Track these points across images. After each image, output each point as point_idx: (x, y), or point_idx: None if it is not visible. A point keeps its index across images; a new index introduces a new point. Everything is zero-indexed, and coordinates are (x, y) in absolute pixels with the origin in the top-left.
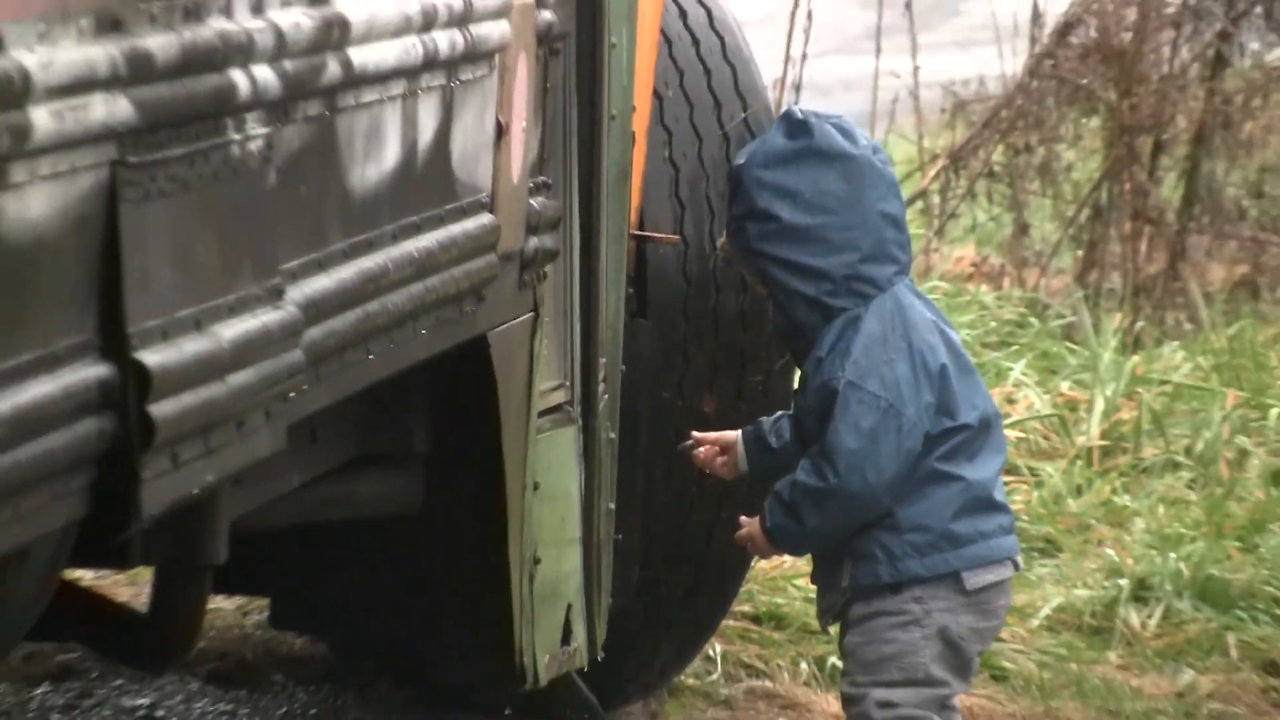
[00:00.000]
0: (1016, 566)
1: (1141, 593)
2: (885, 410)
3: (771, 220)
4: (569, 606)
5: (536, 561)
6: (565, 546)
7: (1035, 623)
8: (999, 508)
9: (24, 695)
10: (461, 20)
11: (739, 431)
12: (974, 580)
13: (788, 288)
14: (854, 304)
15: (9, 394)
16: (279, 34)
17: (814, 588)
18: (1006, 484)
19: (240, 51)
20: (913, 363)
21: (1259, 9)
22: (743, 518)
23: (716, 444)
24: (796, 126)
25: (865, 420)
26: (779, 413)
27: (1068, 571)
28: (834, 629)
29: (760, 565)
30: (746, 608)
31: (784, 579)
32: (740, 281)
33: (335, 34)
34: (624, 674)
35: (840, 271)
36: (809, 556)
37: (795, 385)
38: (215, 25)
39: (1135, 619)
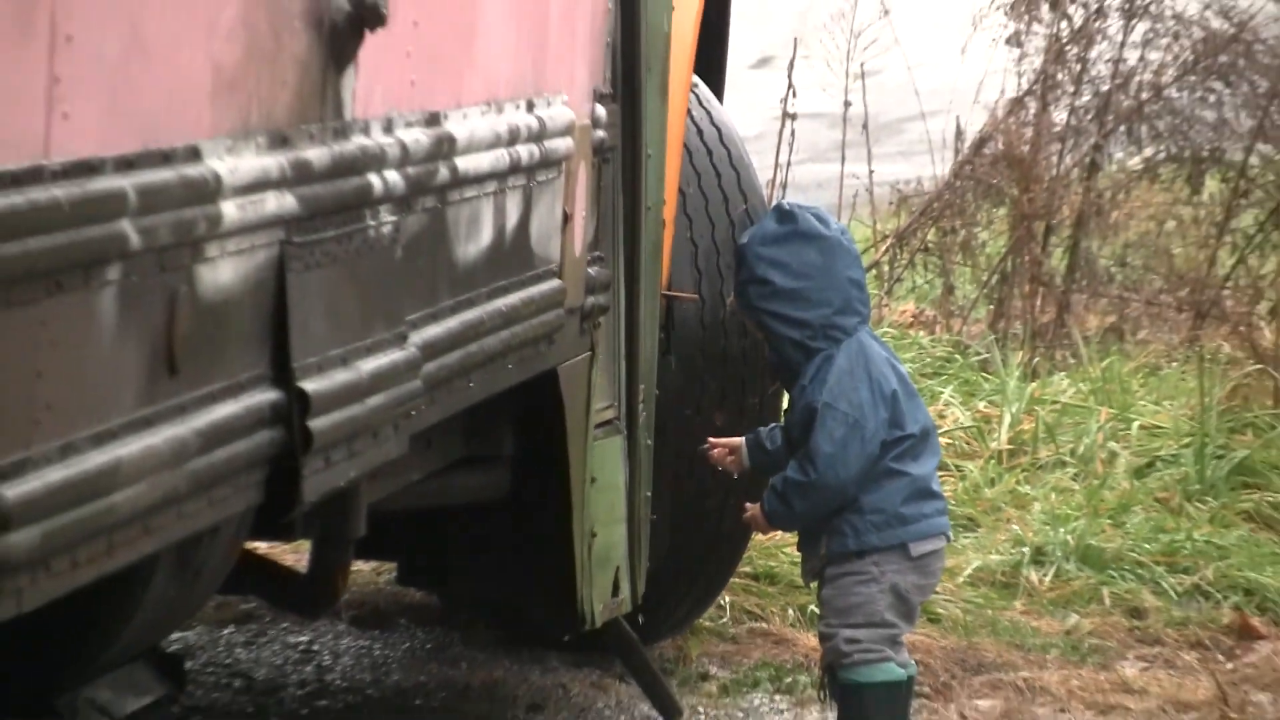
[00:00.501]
0: (948, 538)
1: (1039, 557)
2: (852, 424)
3: (767, 284)
4: (617, 568)
5: (593, 535)
6: (614, 524)
7: (961, 580)
8: (936, 495)
9: (215, 634)
10: (538, 137)
11: (743, 438)
12: (918, 549)
13: (779, 334)
14: (828, 346)
15: (206, 412)
16: (404, 148)
17: (799, 554)
18: (940, 477)
19: (375, 161)
20: (872, 389)
21: (1122, 128)
22: (746, 504)
23: (726, 447)
24: (785, 215)
25: (837, 431)
26: (772, 424)
27: (984, 542)
28: (814, 585)
29: (758, 538)
30: (748, 569)
31: (776, 548)
32: (743, 328)
33: (445, 147)
34: (657, 618)
35: (818, 322)
36: (795, 532)
37: (785, 405)
38: (357, 141)
39: (1034, 577)
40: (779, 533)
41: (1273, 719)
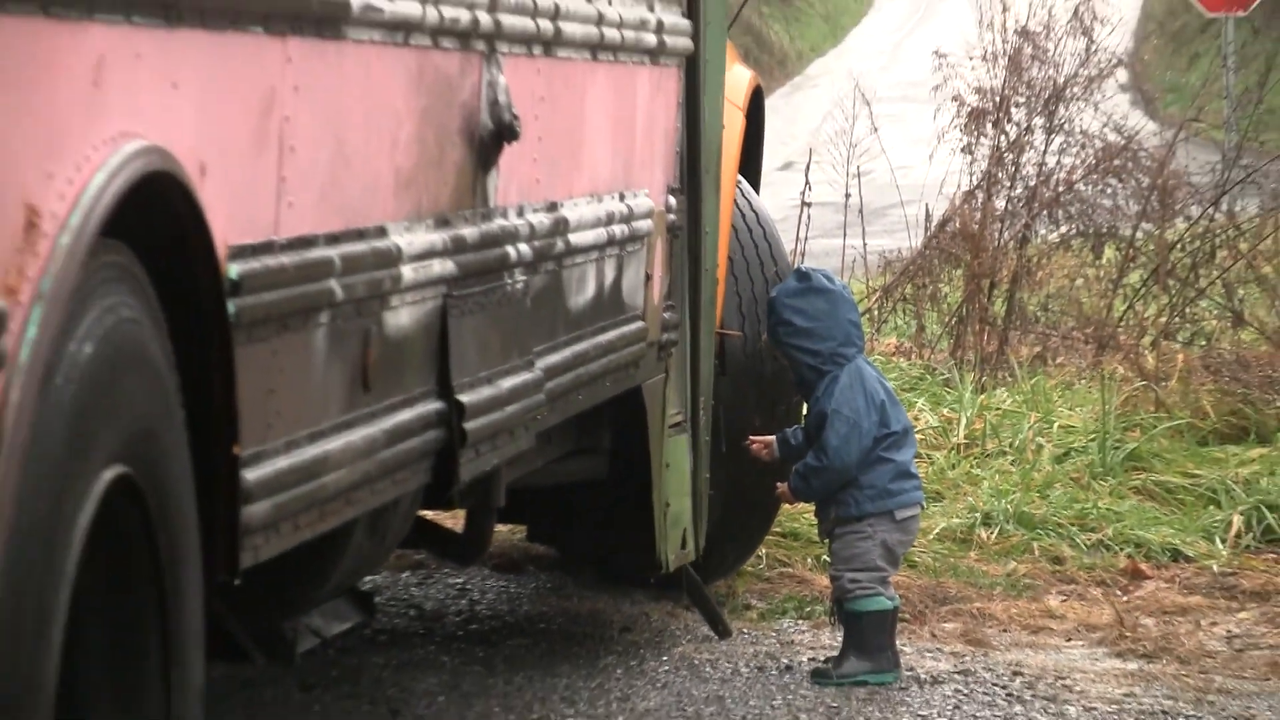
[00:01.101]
0: (922, 507)
1: (987, 521)
2: (852, 425)
3: (790, 326)
4: (685, 529)
5: (667, 505)
6: (682, 497)
7: (930, 536)
8: (914, 476)
9: (395, 577)
10: (628, 219)
11: (775, 436)
12: (901, 515)
13: (799, 361)
14: (834, 369)
15: (390, 417)
16: (532, 227)
17: (816, 518)
18: (916, 463)
19: (511, 236)
20: (866, 399)
21: (1045, 213)
22: (778, 483)
23: (762, 443)
24: (802, 276)
25: (842, 430)
26: (795, 426)
27: (948, 509)
28: (826, 541)
29: (786, 507)
30: (779, 529)
31: (798, 514)
32: (774, 357)
33: (561, 226)
34: (712, 564)
35: (827, 352)
36: (813, 502)
37: (804, 412)
38: (498, 222)
39: (984, 535)
40: (801, 503)
41: (1156, 636)
